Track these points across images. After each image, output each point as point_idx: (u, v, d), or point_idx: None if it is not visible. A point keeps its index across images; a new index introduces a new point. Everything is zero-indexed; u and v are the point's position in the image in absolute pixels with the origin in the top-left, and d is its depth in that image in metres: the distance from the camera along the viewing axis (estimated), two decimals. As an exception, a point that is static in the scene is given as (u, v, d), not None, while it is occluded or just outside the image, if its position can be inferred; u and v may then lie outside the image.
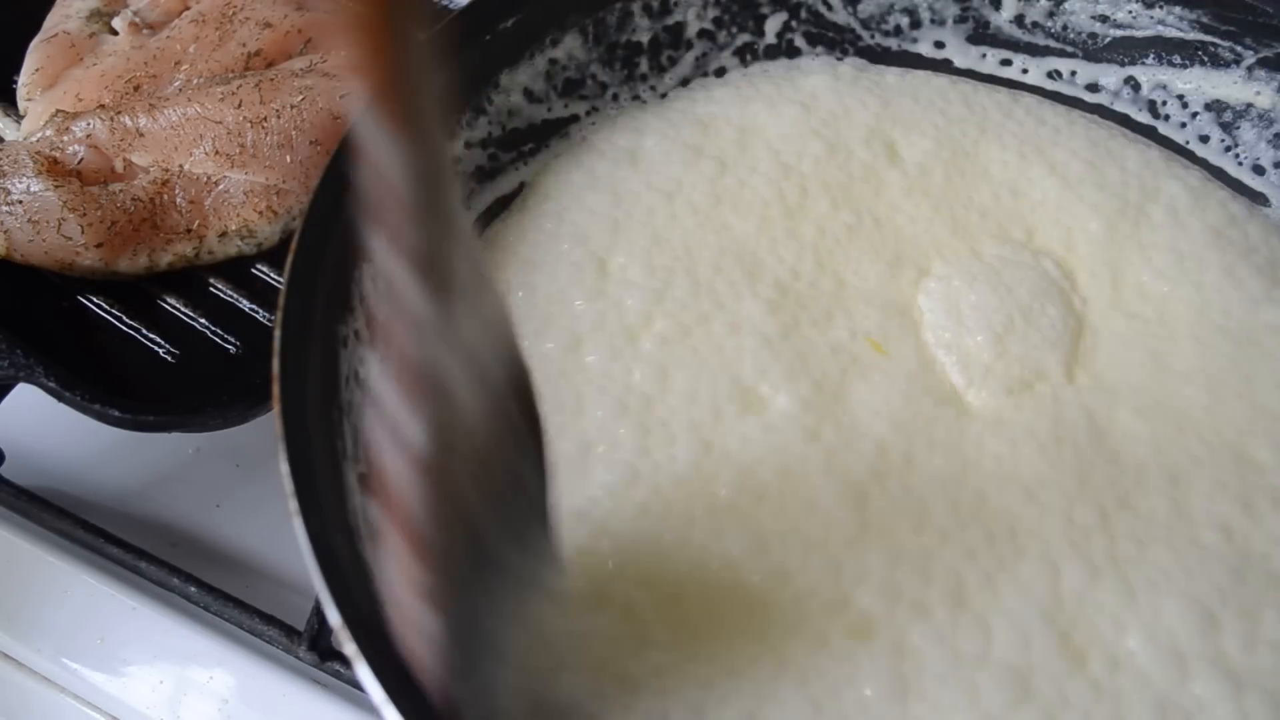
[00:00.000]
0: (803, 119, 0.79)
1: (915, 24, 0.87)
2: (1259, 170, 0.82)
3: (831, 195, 0.75)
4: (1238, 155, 0.82)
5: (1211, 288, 0.72)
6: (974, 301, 0.69)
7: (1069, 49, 0.86)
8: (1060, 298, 0.71)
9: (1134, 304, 0.72)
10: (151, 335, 0.78)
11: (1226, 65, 0.82)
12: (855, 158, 0.77)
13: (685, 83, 0.83)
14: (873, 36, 0.87)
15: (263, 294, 0.81)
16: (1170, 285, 0.72)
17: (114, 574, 0.76)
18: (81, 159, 0.79)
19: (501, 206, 0.76)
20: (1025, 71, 0.87)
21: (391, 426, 0.39)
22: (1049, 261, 0.73)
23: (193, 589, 0.72)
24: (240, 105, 0.80)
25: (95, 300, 0.80)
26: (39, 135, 0.80)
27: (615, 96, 0.82)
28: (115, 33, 0.92)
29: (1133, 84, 0.85)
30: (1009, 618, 0.57)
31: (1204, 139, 0.84)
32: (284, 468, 0.51)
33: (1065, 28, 0.86)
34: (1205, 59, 0.83)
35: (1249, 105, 0.82)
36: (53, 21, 0.92)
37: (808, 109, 0.80)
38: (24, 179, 0.76)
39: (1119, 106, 0.86)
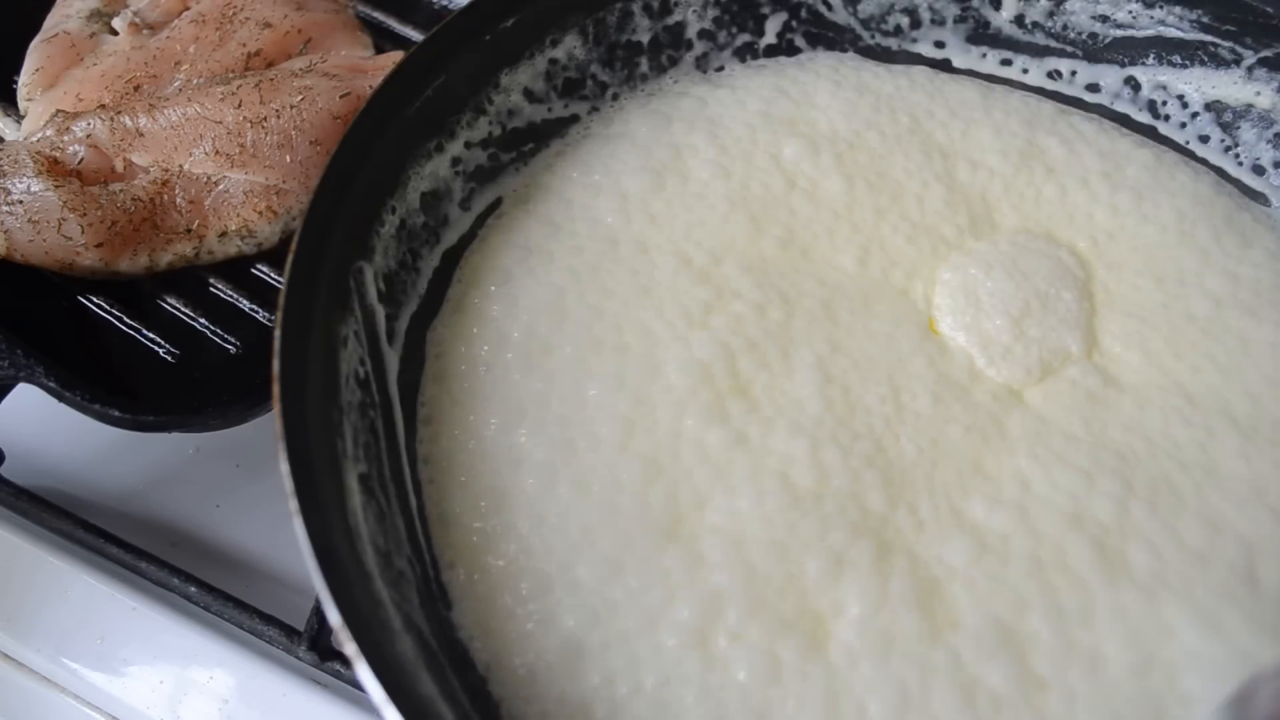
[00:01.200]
0: (805, 113, 0.79)
1: (915, 24, 0.87)
2: (1259, 170, 0.82)
3: (838, 187, 0.75)
4: (1238, 155, 0.83)
5: (1211, 278, 0.73)
6: (991, 288, 0.71)
7: (1069, 49, 0.86)
8: (1075, 283, 0.72)
9: (1141, 289, 0.73)
10: (151, 335, 0.78)
11: (1226, 65, 0.82)
12: (859, 151, 0.77)
13: (688, 82, 0.83)
14: (873, 36, 0.87)
15: (263, 294, 0.81)
16: (1171, 274, 0.74)
17: (114, 574, 0.76)
18: (81, 159, 0.79)
19: (498, 206, 0.76)
20: (1025, 71, 0.87)
21: None
22: (1063, 250, 0.74)
23: (193, 589, 0.72)
24: (240, 105, 0.80)
25: (95, 300, 0.80)
26: (39, 135, 0.80)
27: (615, 96, 0.82)
28: (115, 33, 0.92)
29: (1133, 84, 0.85)
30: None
31: (1204, 139, 0.84)
32: (284, 468, 0.51)
33: (1065, 28, 0.86)
34: (1205, 59, 0.83)
35: (1249, 105, 0.82)
36: (53, 21, 0.92)
37: (812, 103, 0.80)
38: (24, 179, 0.76)
39: (1119, 106, 0.86)
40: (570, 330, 0.68)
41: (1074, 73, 0.86)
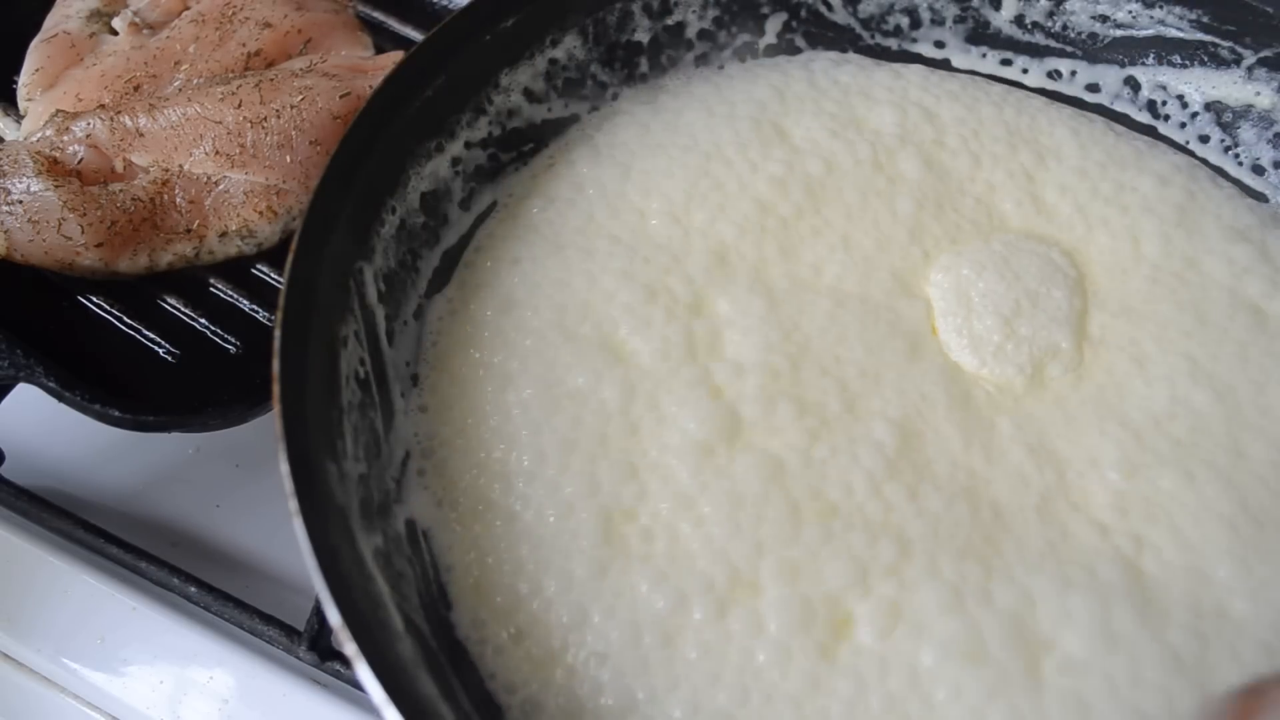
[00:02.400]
0: (805, 113, 0.79)
1: (915, 24, 0.87)
2: (1259, 170, 0.82)
3: (837, 188, 0.75)
4: (1238, 155, 0.83)
5: (1206, 275, 0.73)
6: (982, 289, 0.71)
7: (1069, 49, 0.86)
8: (1065, 281, 0.72)
9: (1133, 286, 0.73)
10: (151, 335, 0.78)
11: (1226, 65, 0.82)
12: (857, 150, 0.77)
13: (687, 82, 0.83)
14: (873, 36, 0.87)
15: (263, 294, 0.81)
16: (1165, 272, 0.74)
17: (114, 574, 0.76)
18: (81, 159, 0.79)
19: (497, 206, 0.76)
20: (1025, 72, 0.87)
21: None
22: (1055, 250, 0.74)
23: (193, 589, 0.73)
24: (240, 105, 0.80)
25: (95, 300, 0.80)
26: (39, 135, 0.80)
27: (615, 96, 0.82)
28: (115, 33, 0.92)
29: (1133, 84, 0.85)
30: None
31: (1204, 139, 0.84)
32: (284, 468, 0.51)
33: (1065, 28, 0.86)
34: (1205, 59, 0.83)
35: (1249, 105, 0.82)
36: (53, 21, 0.92)
37: (812, 103, 0.80)
38: (24, 179, 0.76)
39: (1119, 106, 0.86)
40: (571, 330, 0.68)
41: (1074, 73, 0.86)
